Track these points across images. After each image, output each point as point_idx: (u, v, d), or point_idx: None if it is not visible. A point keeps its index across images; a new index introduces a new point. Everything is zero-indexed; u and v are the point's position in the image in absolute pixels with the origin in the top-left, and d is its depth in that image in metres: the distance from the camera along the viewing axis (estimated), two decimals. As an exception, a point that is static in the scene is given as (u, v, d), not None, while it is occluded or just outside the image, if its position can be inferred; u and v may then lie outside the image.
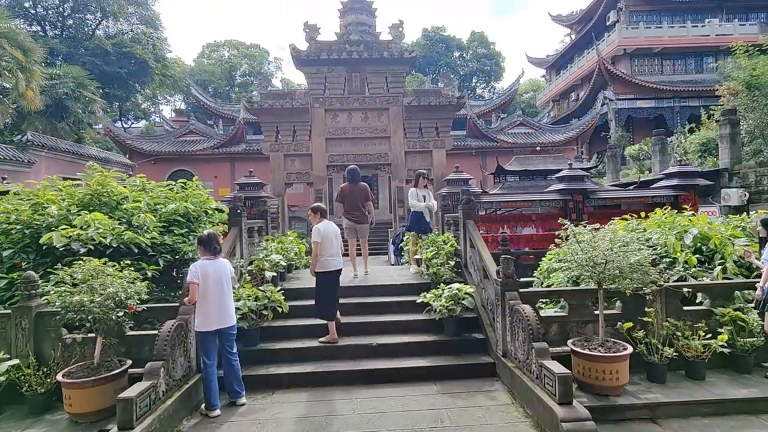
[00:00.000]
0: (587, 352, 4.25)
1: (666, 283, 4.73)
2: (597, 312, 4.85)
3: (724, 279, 5.18)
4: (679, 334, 4.66)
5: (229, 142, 26.62)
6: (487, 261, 5.44)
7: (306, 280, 7.20)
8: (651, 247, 4.51)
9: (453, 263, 6.31)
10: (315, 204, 5.92)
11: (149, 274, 5.79)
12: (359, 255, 7.73)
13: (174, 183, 7.82)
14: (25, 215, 5.82)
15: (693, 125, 20.78)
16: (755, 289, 4.68)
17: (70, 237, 5.37)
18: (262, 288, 5.33)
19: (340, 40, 17.97)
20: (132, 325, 5.14)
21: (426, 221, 7.56)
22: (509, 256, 4.85)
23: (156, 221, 6.39)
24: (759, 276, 4.83)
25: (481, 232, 7.91)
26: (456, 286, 5.46)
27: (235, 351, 4.37)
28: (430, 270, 6.25)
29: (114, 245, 5.61)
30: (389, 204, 21.99)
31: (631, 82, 30.71)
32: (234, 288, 5.27)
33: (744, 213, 8.59)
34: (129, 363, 4.29)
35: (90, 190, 6.55)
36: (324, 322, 5.44)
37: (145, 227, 6.03)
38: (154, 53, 35.73)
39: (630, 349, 4.29)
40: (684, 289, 4.82)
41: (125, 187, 6.98)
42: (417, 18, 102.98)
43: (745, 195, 12.35)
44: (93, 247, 5.64)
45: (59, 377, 3.99)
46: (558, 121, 34.45)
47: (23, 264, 5.52)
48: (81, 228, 5.39)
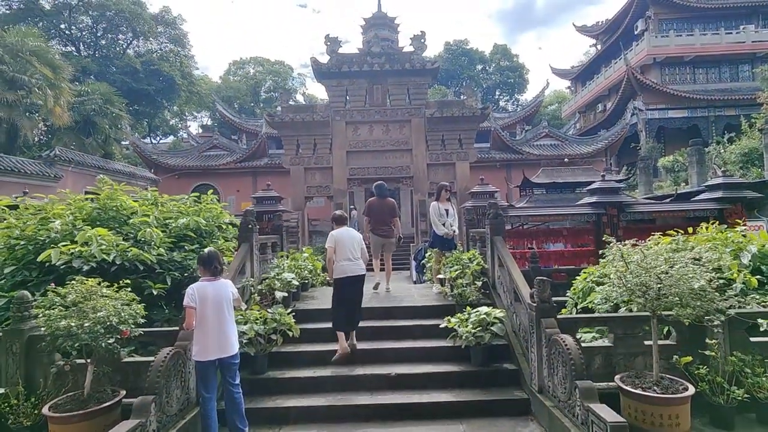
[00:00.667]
0: (640, 392, 3.64)
1: (732, 310, 4.09)
2: (648, 343, 4.24)
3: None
4: (748, 370, 3.99)
5: (252, 156, 26.74)
6: (519, 282, 4.88)
7: (321, 299, 6.77)
8: (700, 267, 3.88)
9: (480, 283, 5.76)
10: (333, 213, 5.91)
11: (155, 292, 5.50)
12: (383, 269, 7.62)
13: (187, 196, 7.59)
14: (30, 230, 5.60)
15: (733, 134, 19.64)
16: None
17: (71, 254, 5.09)
18: (271, 310, 4.91)
19: (361, 52, 17.80)
20: (132, 350, 4.81)
21: (450, 237, 7.07)
22: (544, 277, 4.30)
23: (164, 237, 6.11)
24: None
25: (508, 247, 7.47)
26: (484, 309, 4.91)
27: (238, 382, 3.92)
28: (454, 291, 5.72)
29: (118, 262, 5.32)
30: (411, 218, 21.48)
31: (662, 91, 29.59)
32: (241, 309, 4.88)
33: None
34: (123, 394, 3.90)
35: (99, 204, 6.33)
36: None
37: (152, 243, 5.74)
38: (181, 70, 36.64)
39: (692, 390, 3.65)
40: (759, 319, 4.16)
41: (136, 201, 6.75)
42: (439, 33, 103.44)
43: (797, 208, 11.36)
44: (96, 265, 5.37)
45: (45, 410, 3.63)
46: (585, 133, 33.44)
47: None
48: (83, 244, 5.10)
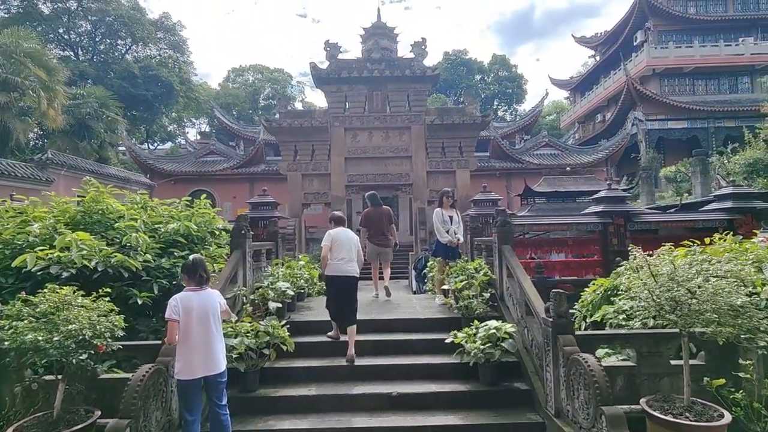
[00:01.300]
0: (671, 419, 3.28)
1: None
2: (675, 363, 3.89)
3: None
4: (787, 395, 3.65)
5: (249, 162, 26.42)
6: (531, 294, 4.54)
7: (318, 310, 6.40)
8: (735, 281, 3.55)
9: (488, 295, 5.41)
10: (332, 213, 6.04)
11: (140, 302, 5.14)
12: (381, 278, 7.50)
13: (179, 200, 7.24)
14: (8, 233, 5.24)
15: (736, 145, 19.49)
16: None
17: (49, 259, 4.72)
18: (263, 322, 4.54)
19: (361, 58, 17.60)
20: (113, 365, 4.43)
21: (454, 246, 6.72)
22: (555, 289, 3.96)
23: (152, 242, 5.75)
24: None
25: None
26: (493, 324, 4.56)
27: (225, 403, 3.55)
28: (460, 303, 5.37)
29: (100, 269, 4.95)
30: (410, 226, 21.14)
31: (662, 102, 29.55)
32: (231, 322, 4.52)
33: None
34: (97, 414, 3.52)
35: (83, 207, 5.97)
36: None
37: (139, 249, 5.37)
38: (179, 76, 36.39)
39: (728, 417, 3.30)
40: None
41: (124, 205, 6.39)
42: (438, 43, 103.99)
43: (807, 220, 11.10)
44: (77, 272, 5.00)
45: (8, 434, 3.25)
46: (584, 143, 33.30)
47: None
48: (62, 249, 4.73)
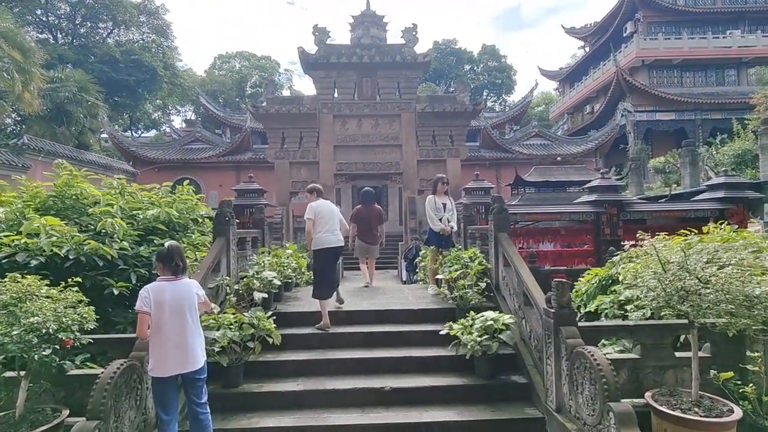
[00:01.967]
0: (679, 414, 3.12)
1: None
2: (681, 355, 3.74)
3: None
4: (794, 387, 3.52)
5: (235, 150, 25.86)
6: (530, 284, 4.34)
7: (306, 300, 6.14)
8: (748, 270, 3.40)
9: (484, 285, 5.21)
10: (311, 184, 6.00)
11: (116, 292, 4.83)
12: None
13: (159, 186, 6.89)
14: (-30, 219, 4.88)
15: (725, 136, 19.59)
16: None
17: (16, 246, 4.39)
18: (248, 313, 4.28)
19: (350, 44, 17.16)
20: (87, 358, 4.13)
21: (447, 234, 6.49)
22: (557, 279, 3.76)
23: (130, 229, 5.42)
24: None
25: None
26: (490, 315, 4.36)
27: (205, 401, 3.29)
28: (455, 293, 5.16)
29: (72, 257, 4.63)
30: (399, 216, 20.93)
31: (651, 93, 29.62)
32: (213, 313, 4.24)
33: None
34: (65, 414, 3.24)
35: (55, 191, 5.61)
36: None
37: (114, 235, 5.05)
38: (163, 61, 35.34)
39: (739, 412, 3.15)
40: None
41: (100, 190, 6.03)
42: (427, 33, 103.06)
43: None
44: (47, 260, 4.67)
45: (-37, 437, 2.96)
46: (573, 134, 33.33)
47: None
48: (29, 235, 4.39)
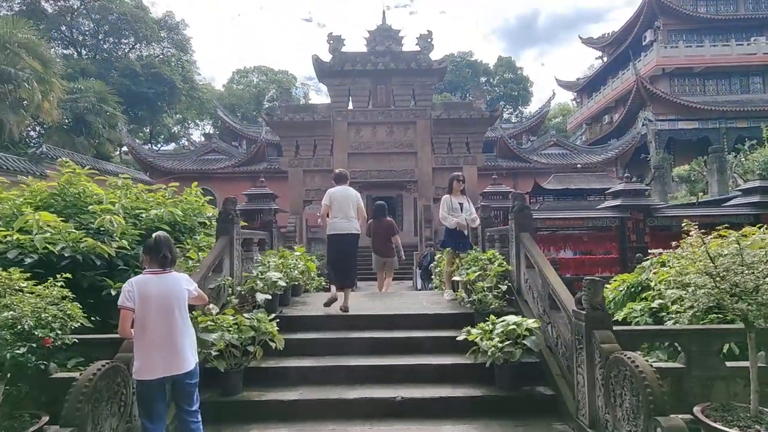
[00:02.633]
0: (739, 432, 2.68)
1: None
2: (732, 365, 3.29)
3: None
4: None
5: (250, 161, 25.93)
6: (557, 285, 3.94)
7: (315, 305, 5.81)
8: None
9: (505, 288, 4.80)
10: (335, 171, 6.33)
11: (113, 292, 4.58)
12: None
13: (165, 186, 6.70)
14: (-36, 215, 4.72)
15: (754, 142, 18.82)
16: None
17: (8, 242, 4.18)
18: (248, 315, 3.97)
19: (365, 52, 17.06)
20: (80, 362, 3.87)
21: (465, 235, 6.08)
22: (594, 278, 3.36)
23: (131, 228, 5.21)
24: None
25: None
26: (512, 319, 3.96)
27: (196, 408, 2.96)
28: (472, 296, 4.77)
29: (67, 255, 4.40)
30: (414, 226, 20.56)
31: (672, 102, 28.88)
32: (211, 314, 3.94)
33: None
34: (44, 420, 2.96)
35: (57, 189, 5.44)
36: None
37: (113, 234, 4.82)
38: (182, 75, 36.05)
39: (811, 432, 2.69)
40: None
41: (103, 188, 5.86)
42: (441, 46, 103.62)
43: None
44: (43, 258, 4.46)
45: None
46: (592, 144, 32.66)
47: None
48: (20, 231, 4.19)
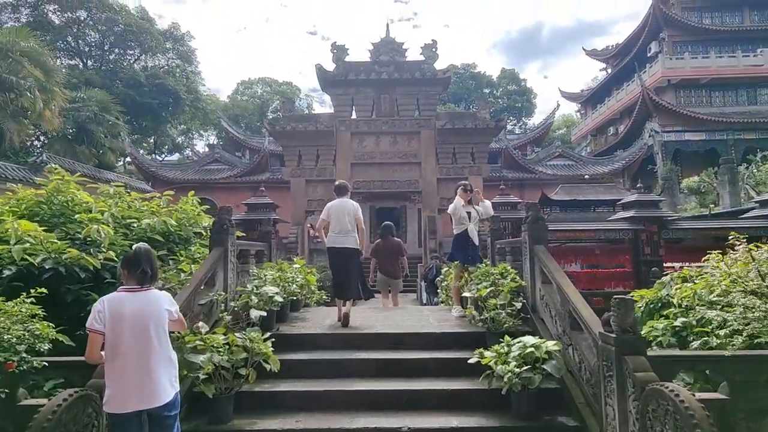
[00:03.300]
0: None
1: None
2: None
3: None
4: None
5: (253, 171, 25.76)
6: (579, 304, 3.58)
7: (315, 322, 5.47)
8: None
9: (519, 305, 4.44)
10: (336, 183, 6.11)
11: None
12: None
13: (159, 195, 6.42)
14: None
15: (766, 152, 18.49)
16: None
17: (-19, 253, 3.88)
18: (240, 334, 3.63)
19: (369, 61, 16.92)
20: (59, 383, 3.53)
21: (475, 246, 5.66)
22: (626, 296, 3.02)
23: (121, 239, 4.90)
24: None
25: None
26: (530, 341, 3.60)
27: (177, 444, 2.62)
28: (485, 314, 4.41)
29: (48, 267, 4.09)
30: (418, 238, 20.20)
31: (678, 113, 28.65)
32: (200, 333, 3.60)
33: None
34: (7, 455, 2.62)
35: (44, 197, 5.16)
36: None
37: (101, 244, 4.52)
38: (186, 85, 36.13)
39: None
40: None
41: (93, 196, 5.58)
42: (447, 59, 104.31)
43: None
44: (24, 270, 4.16)
45: None
46: (597, 155, 32.40)
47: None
48: (4, 242, 3.89)
